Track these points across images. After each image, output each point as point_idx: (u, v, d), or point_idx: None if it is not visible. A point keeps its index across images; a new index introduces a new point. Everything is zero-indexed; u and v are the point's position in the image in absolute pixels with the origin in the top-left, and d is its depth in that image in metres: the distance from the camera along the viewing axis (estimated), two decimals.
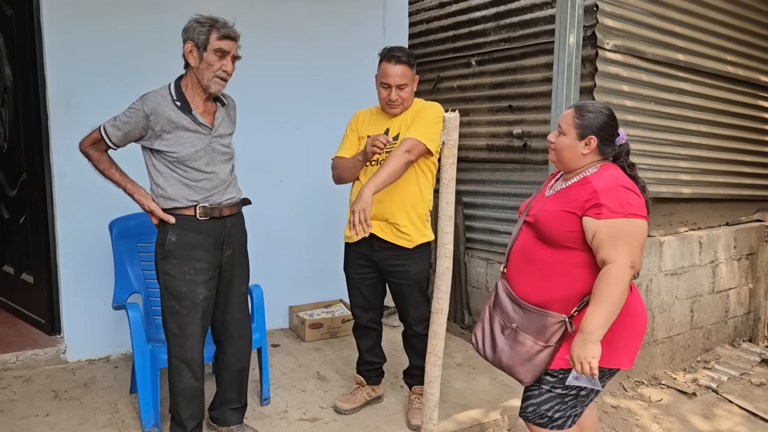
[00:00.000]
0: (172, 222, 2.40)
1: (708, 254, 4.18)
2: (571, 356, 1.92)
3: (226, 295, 2.58)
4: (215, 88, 2.35)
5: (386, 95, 2.65)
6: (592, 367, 1.88)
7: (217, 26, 2.31)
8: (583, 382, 1.93)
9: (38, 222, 3.56)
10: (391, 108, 2.69)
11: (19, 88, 3.55)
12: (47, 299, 3.57)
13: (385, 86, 2.65)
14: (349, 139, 2.87)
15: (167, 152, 2.35)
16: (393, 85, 2.63)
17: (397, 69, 2.62)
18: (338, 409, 2.97)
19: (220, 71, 2.32)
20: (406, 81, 2.64)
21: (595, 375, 1.90)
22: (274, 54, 3.82)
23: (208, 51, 2.29)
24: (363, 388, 3.04)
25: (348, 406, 2.97)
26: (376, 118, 2.82)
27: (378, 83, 2.70)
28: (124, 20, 3.40)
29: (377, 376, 3.07)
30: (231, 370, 2.67)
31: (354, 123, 2.86)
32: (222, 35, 2.31)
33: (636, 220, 1.92)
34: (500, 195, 4.25)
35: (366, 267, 2.85)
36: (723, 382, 3.80)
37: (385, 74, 2.64)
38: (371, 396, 3.05)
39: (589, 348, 1.88)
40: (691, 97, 4.07)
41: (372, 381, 3.05)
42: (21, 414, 2.88)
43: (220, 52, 2.31)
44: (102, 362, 3.50)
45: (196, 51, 2.31)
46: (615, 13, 3.54)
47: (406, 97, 2.67)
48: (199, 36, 2.29)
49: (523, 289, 2.12)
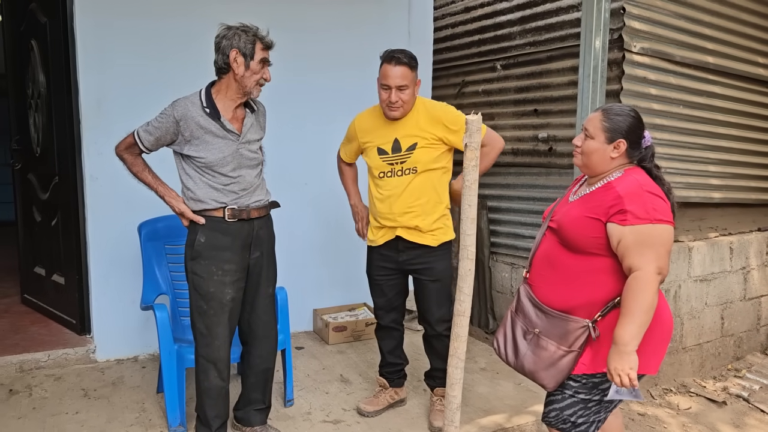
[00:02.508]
0: (202, 222, 2.45)
1: (739, 260, 4.10)
2: (609, 370, 1.89)
3: (254, 296, 2.61)
4: (256, 94, 2.46)
5: (386, 97, 2.64)
6: (632, 379, 1.85)
7: (260, 36, 2.40)
8: (624, 395, 1.90)
9: (69, 224, 3.64)
10: (390, 110, 2.67)
11: (52, 93, 3.64)
12: (77, 300, 3.65)
13: (385, 88, 2.64)
14: (349, 141, 2.95)
15: (196, 157, 2.41)
16: (393, 87, 2.61)
17: (397, 70, 2.61)
18: (361, 412, 2.98)
19: (262, 79, 2.43)
20: (406, 82, 2.62)
21: (635, 386, 1.87)
22: (298, 58, 3.86)
23: (254, 60, 2.38)
24: (386, 391, 3.05)
25: (371, 408, 2.98)
26: (380, 124, 2.79)
27: (378, 84, 2.69)
28: (153, 27, 3.47)
29: (399, 378, 3.07)
30: (256, 370, 2.70)
31: (354, 131, 2.88)
32: (266, 45, 2.42)
33: (662, 225, 1.89)
34: (525, 199, 4.22)
35: (389, 269, 2.86)
36: (754, 391, 3.71)
37: (385, 75, 2.63)
38: (394, 399, 3.06)
39: (625, 359, 1.85)
40: (721, 100, 4.00)
41: (395, 383, 3.06)
42: (52, 411, 2.95)
43: (264, 61, 2.41)
44: (130, 362, 3.56)
45: (242, 59, 2.37)
46: (642, 16, 3.50)
47: (406, 99, 2.65)
48: (246, 45, 2.36)
49: (545, 294, 2.10)
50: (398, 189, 2.72)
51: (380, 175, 2.77)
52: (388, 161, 2.74)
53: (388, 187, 2.74)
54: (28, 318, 4.03)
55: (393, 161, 2.73)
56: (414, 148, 2.69)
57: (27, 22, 3.86)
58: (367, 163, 2.85)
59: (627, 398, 1.91)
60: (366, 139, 2.81)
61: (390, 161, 2.74)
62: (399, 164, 2.72)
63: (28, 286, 4.28)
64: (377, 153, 2.76)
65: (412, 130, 2.70)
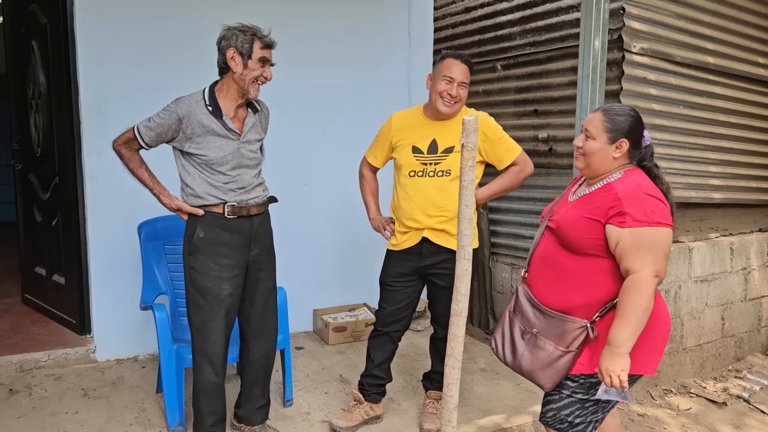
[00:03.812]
0: (201, 213, 2.45)
1: (740, 261, 4.09)
2: (600, 369, 1.89)
3: (253, 292, 2.62)
4: (254, 94, 2.45)
5: (446, 88, 2.58)
6: (622, 380, 1.85)
7: (259, 35, 2.40)
8: (613, 396, 1.90)
9: (70, 224, 3.65)
10: (446, 105, 2.60)
11: (52, 94, 3.65)
12: (78, 300, 3.66)
13: (447, 80, 2.58)
14: (380, 142, 2.83)
15: (197, 155, 2.41)
16: (457, 81, 2.58)
17: (462, 67, 2.61)
18: (334, 427, 2.82)
19: (261, 78, 2.43)
20: (467, 81, 2.63)
21: (625, 388, 1.87)
22: (299, 58, 3.86)
23: (252, 59, 2.38)
24: (361, 406, 2.90)
25: (344, 424, 2.83)
26: (418, 122, 2.72)
27: (437, 78, 2.60)
28: (153, 28, 3.48)
29: (378, 393, 2.92)
30: (256, 366, 2.70)
31: (389, 128, 2.79)
32: (265, 44, 2.41)
33: (661, 228, 1.89)
34: (525, 200, 4.22)
35: (407, 275, 2.78)
36: (755, 392, 3.71)
37: (450, 68, 2.59)
38: (369, 415, 2.90)
39: (617, 361, 1.86)
40: (722, 100, 3.99)
41: (371, 398, 2.90)
42: (51, 411, 2.95)
43: (263, 60, 2.41)
44: (130, 362, 3.57)
45: (239, 58, 2.38)
46: (642, 16, 3.50)
47: (464, 98, 2.64)
48: (243, 44, 2.37)
49: (544, 294, 2.10)
50: (429, 189, 2.66)
51: (410, 173, 2.69)
52: (421, 160, 2.67)
53: (418, 186, 2.67)
54: (28, 318, 4.04)
55: (427, 161, 2.67)
56: (451, 151, 2.63)
57: (28, 23, 3.87)
58: (395, 161, 2.78)
59: (615, 399, 1.91)
60: (401, 136, 2.74)
61: (424, 161, 2.67)
62: (433, 165, 2.66)
63: (29, 286, 4.29)
64: (411, 151, 2.69)
65: (453, 133, 2.63)
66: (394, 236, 2.80)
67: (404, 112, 2.83)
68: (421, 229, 2.69)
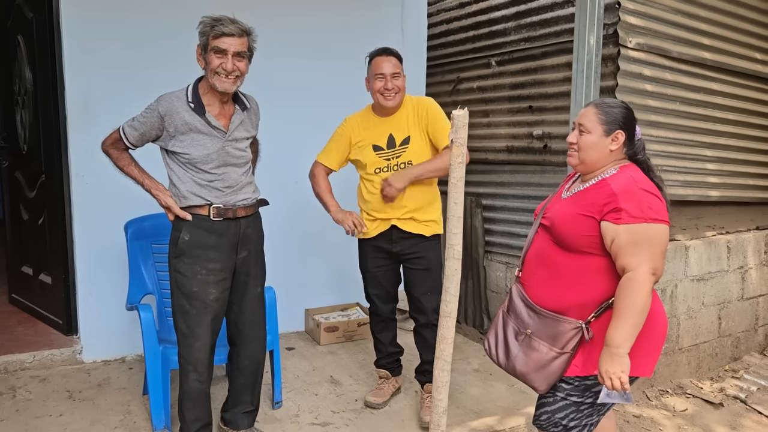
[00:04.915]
0: (189, 218, 2.38)
1: (737, 259, 4.04)
2: (600, 373, 1.84)
3: (241, 296, 2.55)
4: (221, 87, 2.32)
5: (381, 85, 2.70)
6: (623, 382, 1.80)
7: (214, 25, 2.29)
8: (615, 399, 1.85)
9: (56, 223, 3.58)
10: (386, 99, 2.72)
11: (38, 90, 3.58)
12: (64, 300, 3.59)
13: (380, 77, 2.70)
14: (337, 143, 2.90)
15: (181, 153, 2.35)
16: (387, 74, 2.69)
17: (390, 59, 2.72)
18: (371, 404, 3.02)
19: (219, 69, 2.29)
20: (398, 70, 2.72)
21: (627, 390, 1.82)
22: (290, 54, 3.80)
23: (208, 52, 2.31)
24: (389, 381, 3.11)
25: (380, 399, 3.03)
26: (372, 123, 2.84)
27: (372, 78, 2.75)
28: (141, 23, 3.41)
29: (399, 366, 3.15)
30: (245, 372, 2.64)
31: (348, 129, 2.88)
32: (217, 33, 2.28)
33: (657, 225, 1.84)
34: (520, 197, 4.16)
35: (384, 259, 2.92)
36: (752, 392, 3.66)
37: (379, 66, 2.72)
38: (395, 387, 3.14)
39: (617, 362, 1.81)
40: (719, 96, 3.94)
41: (395, 372, 3.14)
42: (35, 413, 2.89)
43: (219, 51, 2.29)
44: (117, 363, 3.50)
45: (200, 52, 2.34)
46: (638, 11, 3.44)
47: (401, 86, 2.73)
48: (201, 38, 2.33)
49: (538, 294, 2.05)
50: None
51: (376, 170, 2.82)
52: (384, 156, 2.80)
53: None
54: (15, 318, 3.97)
55: (389, 156, 2.79)
56: (408, 141, 2.77)
57: (13, 18, 3.80)
58: (359, 162, 2.88)
59: (618, 401, 1.86)
60: (360, 138, 2.84)
61: (386, 156, 2.80)
62: (395, 158, 2.79)
63: (16, 285, 4.22)
64: (372, 150, 2.81)
65: (403, 124, 2.79)
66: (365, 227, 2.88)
67: (357, 115, 2.93)
68: (389, 219, 2.82)
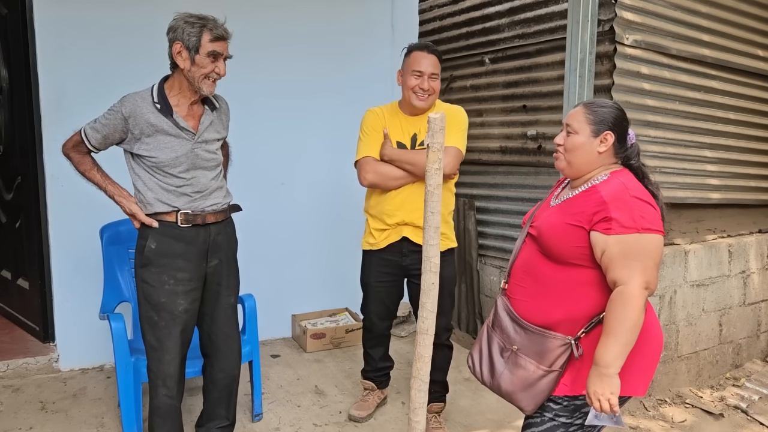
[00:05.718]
0: (155, 226, 2.26)
1: (738, 263, 3.91)
2: (588, 393, 1.72)
3: (213, 307, 2.43)
4: (207, 91, 2.22)
5: (417, 84, 2.55)
6: (612, 404, 1.68)
7: (208, 27, 2.16)
8: (603, 421, 1.73)
9: (33, 226, 3.47)
10: (419, 99, 2.57)
11: (14, 88, 3.46)
12: (41, 306, 3.48)
13: (416, 74, 2.55)
14: (376, 134, 2.67)
15: (147, 157, 2.22)
16: (426, 74, 2.53)
17: (431, 58, 2.56)
18: (354, 418, 2.91)
19: (213, 74, 2.20)
20: (437, 72, 2.58)
21: (616, 412, 1.70)
22: (277, 53, 3.68)
23: (200, 54, 2.16)
24: (374, 393, 3.02)
25: (364, 413, 2.93)
26: (398, 119, 2.66)
27: (407, 72, 2.58)
28: (117, 20, 3.29)
29: (387, 379, 3.05)
30: (219, 385, 2.53)
31: (377, 119, 2.67)
32: (215, 36, 2.17)
33: (650, 235, 1.71)
34: (514, 200, 4.04)
35: (390, 274, 2.74)
36: (754, 402, 3.53)
37: (418, 62, 2.55)
38: (380, 399, 3.04)
39: (606, 383, 1.68)
40: (720, 95, 3.81)
41: (382, 385, 3.03)
42: (4, 426, 2.78)
43: (213, 55, 2.18)
44: (95, 372, 3.39)
45: (186, 53, 2.17)
46: (636, 6, 3.31)
47: (436, 89, 2.59)
48: (189, 38, 2.15)
49: (525, 307, 1.92)
50: (415, 185, 2.60)
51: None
52: None
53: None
54: None
55: None
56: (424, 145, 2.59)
57: None
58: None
59: (607, 424, 1.74)
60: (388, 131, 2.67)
61: None
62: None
63: None
64: (396, 147, 2.65)
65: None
66: (371, 235, 2.71)
67: (380, 109, 2.73)
68: (402, 225, 2.63)
